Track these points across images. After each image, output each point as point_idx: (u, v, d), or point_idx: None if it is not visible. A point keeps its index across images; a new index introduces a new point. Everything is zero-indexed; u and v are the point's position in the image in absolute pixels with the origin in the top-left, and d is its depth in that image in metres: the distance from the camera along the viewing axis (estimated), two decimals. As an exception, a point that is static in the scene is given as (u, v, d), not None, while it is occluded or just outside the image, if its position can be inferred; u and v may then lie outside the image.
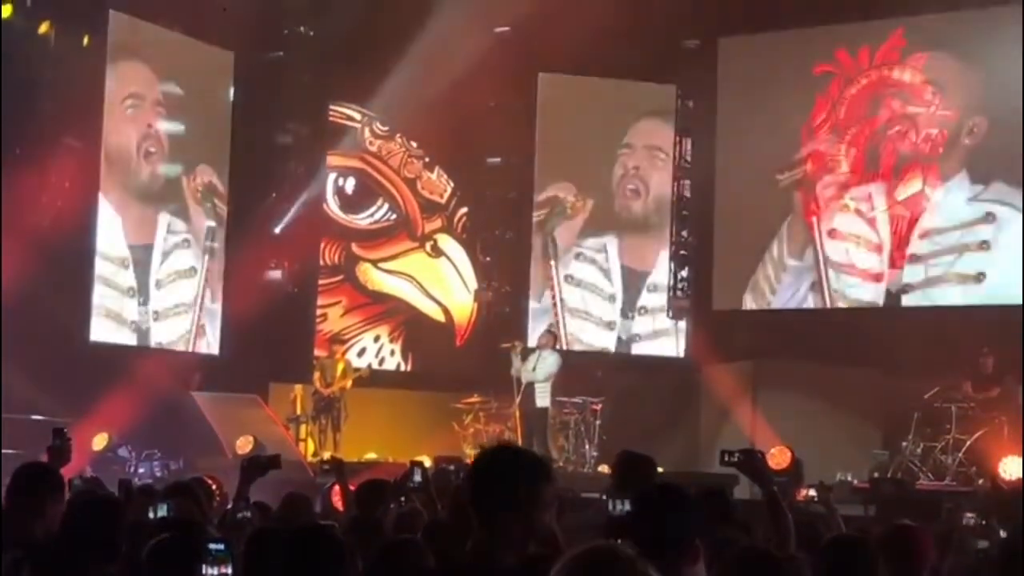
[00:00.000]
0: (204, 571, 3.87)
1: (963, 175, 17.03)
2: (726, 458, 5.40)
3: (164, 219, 17.20)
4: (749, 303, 18.36)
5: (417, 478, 7.14)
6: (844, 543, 4.62)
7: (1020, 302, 15.76)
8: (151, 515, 6.23)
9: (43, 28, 15.68)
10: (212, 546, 3.92)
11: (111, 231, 16.56)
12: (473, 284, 20.43)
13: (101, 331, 16.30)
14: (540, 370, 16.11)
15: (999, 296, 16.45)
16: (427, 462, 13.79)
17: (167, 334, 17.13)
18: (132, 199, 16.90)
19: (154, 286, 17.05)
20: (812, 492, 8.00)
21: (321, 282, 19.02)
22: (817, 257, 17.93)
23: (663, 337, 19.30)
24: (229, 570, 3.89)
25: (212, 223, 17.84)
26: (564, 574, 2.42)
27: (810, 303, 17.92)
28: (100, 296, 16.33)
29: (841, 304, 17.68)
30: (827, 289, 17.83)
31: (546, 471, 3.65)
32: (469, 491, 3.64)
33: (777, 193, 18.23)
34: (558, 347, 16.73)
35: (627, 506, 4.68)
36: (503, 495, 3.58)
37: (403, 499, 7.17)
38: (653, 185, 19.36)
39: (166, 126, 17.25)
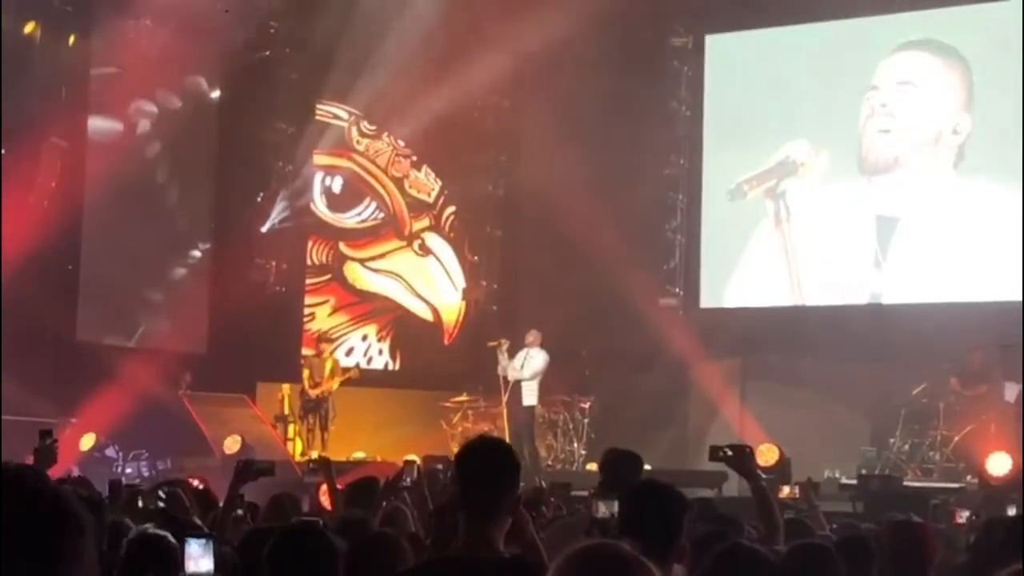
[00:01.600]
0: (185, 565, 3.86)
1: (949, 170, 17.06)
2: (718, 454, 5.47)
3: (152, 218, 17.14)
4: (736, 301, 18.40)
5: (411, 477, 7.15)
6: (805, 550, 4.58)
7: (1003, 298, 15.82)
8: (139, 504, 6.23)
9: (29, 28, 15.64)
10: (193, 540, 3.90)
11: (97, 230, 16.52)
12: (461, 282, 20.44)
13: (88, 330, 16.26)
14: (527, 368, 16.12)
15: (986, 292, 16.48)
16: (417, 461, 13.78)
17: (155, 333, 17.10)
18: (118, 198, 16.85)
19: (141, 285, 17.01)
20: (796, 491, 8.00)
21: (309, 281, 18.99)
22: (793, 256, 17.97)
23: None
24: (211, 565, 3.87)
25: (199, 222, 17.80)
26: (569, 570, 2.37)
27: (791, 301, 17.97)
28: (87, 295, 16.29)
29: (822, 302, 17.73)
30: (804, 287, 17.88)
31: (518, 461, 3.83)
32: (461, 486, 3.68)
33: (762, 192, 18.28)
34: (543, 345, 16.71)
35: (613, 508, 4.71)
36: (498, 488, 3.64)
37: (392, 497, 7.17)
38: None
39: (152, 125, 17.19)
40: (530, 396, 16.22)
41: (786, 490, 8.03)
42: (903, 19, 17.45)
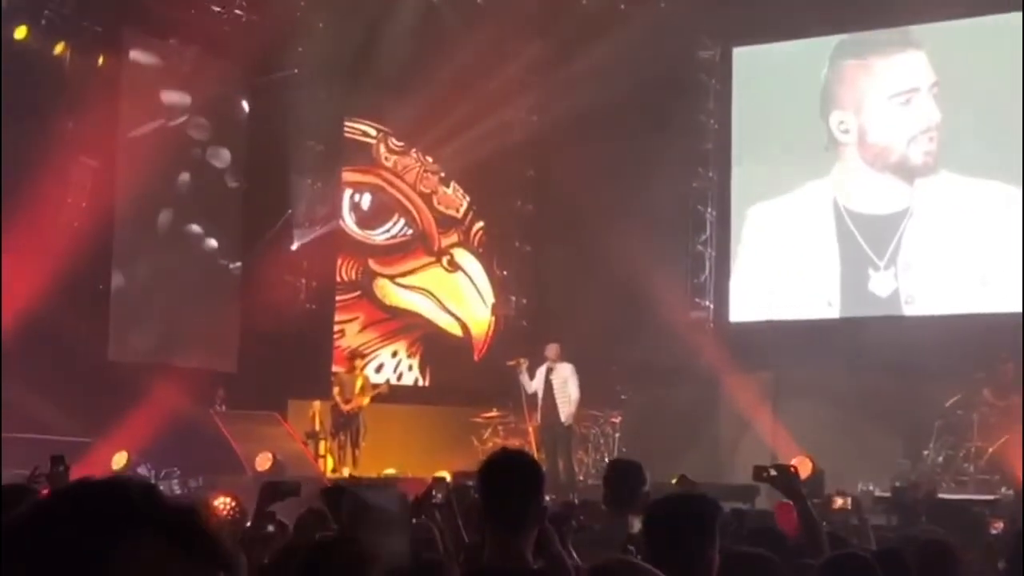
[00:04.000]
0: None
1: (979, 178, 16.96)
2: (763, 475, 5.47)
3: (181, 236, 17.21)
4: (766, 313, 18.32)
5: (439, 495, 7.10)
6: (842, 562, 4.51)
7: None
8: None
9: (58, 49, 15.74)
10: None
11: (128, 249, 16.60)
12: (490, 298, 20.43)
13: (119, 349, 16.32)
14: (571, 388, 16.08)
15: (1017, 302, 16.36)
16: (447, 477, 13.74)
17: (186, 351, 17.14)
18: (148, 217, 16.94)
19: (172, 303, 17.06)
20: (848, 503, 7.94)
21: (338, 298, 19.01)
22: (819, 264, 17.96)
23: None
24: None
25: (229, 241, 17.86)
26: None
27: (822, 314, 17.92)
28: (118, 314, 16.36)
29: (852, 313, 17.67)
30: (832, 297, 17.86)
31: (542, 473, 3.88)
32: (486, 499, 3.67)
33: (790, 201, 18.25)
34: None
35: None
36: (522, 499, 3.62)
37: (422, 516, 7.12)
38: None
39: (182, 144, 17.27)
40: (566, 411, 16.18)
41: (839, 501, 7.96)
42: (930, 28, 17.42)
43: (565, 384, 16.15)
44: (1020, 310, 16.11)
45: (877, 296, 17.53)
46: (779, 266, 18.31)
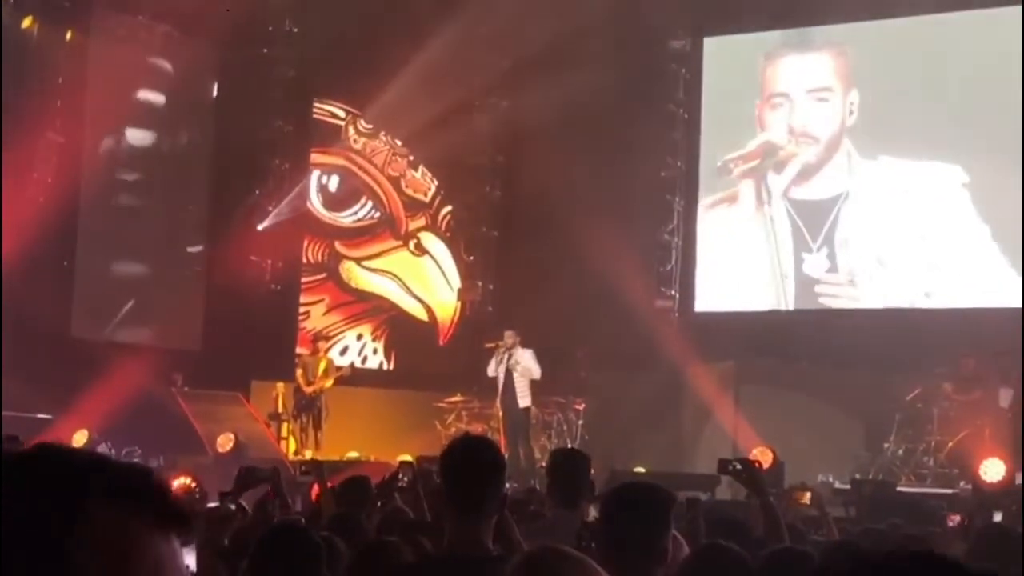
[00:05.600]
0: None
1: (951, 175, 17.06)
2: (728, 468, 5.52)
3: (147, 214, 17.13)
4: (731, 304, 18.40)
5: (405, 478, 7.14)
6: (785, 554, 4.51)
7: (997, 304, 15.86)
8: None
9: (26, 22, 15.63)
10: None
11: (93, 226, 16.50)
12: (457, 283, 20.43)
13: (83, 326, 16.24)
14: (533, 369, 16.10)
15: (980, 298, 16.49)
16: (411, 461, 13.75)
17: (150, 330, 17.08)
18: (114, 194, 16.85)
19: (137, 281, 16.99)
20: (807, 498, 7.98)
21: (304, 280, 18.97)
22: (781, 248, 18.08)
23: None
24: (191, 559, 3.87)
25: (195, 219, 17.78)
26: (514, 573, 2.49)
27: (785, 305, 18.04)
28: (82, 291, 16.28)
29: (815, 305, 17.80)
30: (793, 283, 18.00)
31: (503, 459, 3.89)
32: (447, 484, 3.68)
33: (749, 193, 18.35)
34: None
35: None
36: (483, 485, 3.63)
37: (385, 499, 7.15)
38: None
39: (149, 121, 17.18)
40: (524, 397, 16.19)
41: (797, 495, 7.99)
42: (905, 23, 17.51)
43: (523, 370, 16.15)
44: (983, 305, 16.26)
45: (812, 277, 17.72)
46: (740, 257, 18.38)
